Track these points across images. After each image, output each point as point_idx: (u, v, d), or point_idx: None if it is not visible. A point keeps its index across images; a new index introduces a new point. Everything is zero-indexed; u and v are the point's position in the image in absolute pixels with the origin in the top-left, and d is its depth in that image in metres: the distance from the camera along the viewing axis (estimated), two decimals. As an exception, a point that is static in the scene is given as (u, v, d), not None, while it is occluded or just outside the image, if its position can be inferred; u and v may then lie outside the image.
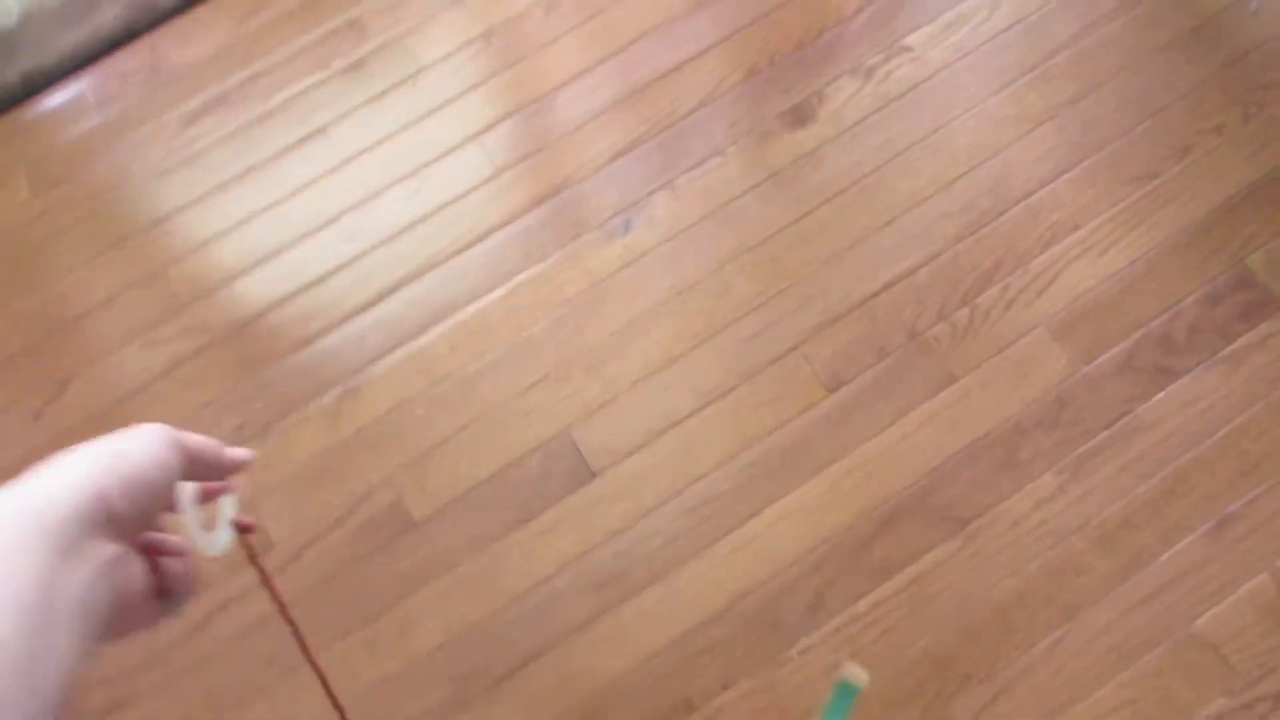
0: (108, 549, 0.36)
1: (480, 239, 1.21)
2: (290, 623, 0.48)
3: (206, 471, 0.42)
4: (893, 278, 1.15)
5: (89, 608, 0.34)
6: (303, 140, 1.30)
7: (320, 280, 1.21)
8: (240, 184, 1.29)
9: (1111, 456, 1.05)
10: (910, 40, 1.26)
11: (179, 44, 1.37)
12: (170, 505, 0.41)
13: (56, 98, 1.36)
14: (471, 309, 1.18)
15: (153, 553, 0.41)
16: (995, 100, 1.22)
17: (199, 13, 1.38)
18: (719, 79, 1.26)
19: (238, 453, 0.44)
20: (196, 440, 0.42)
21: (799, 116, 1.23)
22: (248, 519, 0.46)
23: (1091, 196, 1.16)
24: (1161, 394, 1.07)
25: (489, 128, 1.27)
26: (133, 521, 0.37)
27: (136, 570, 0.38)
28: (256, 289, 1.23)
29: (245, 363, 1.19)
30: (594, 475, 1.09)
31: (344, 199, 1.26)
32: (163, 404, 1.17)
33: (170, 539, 0.43)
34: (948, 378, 1.10)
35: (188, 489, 0.43)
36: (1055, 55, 1.23)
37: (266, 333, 1.20)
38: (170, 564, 0.42)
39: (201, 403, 1.17)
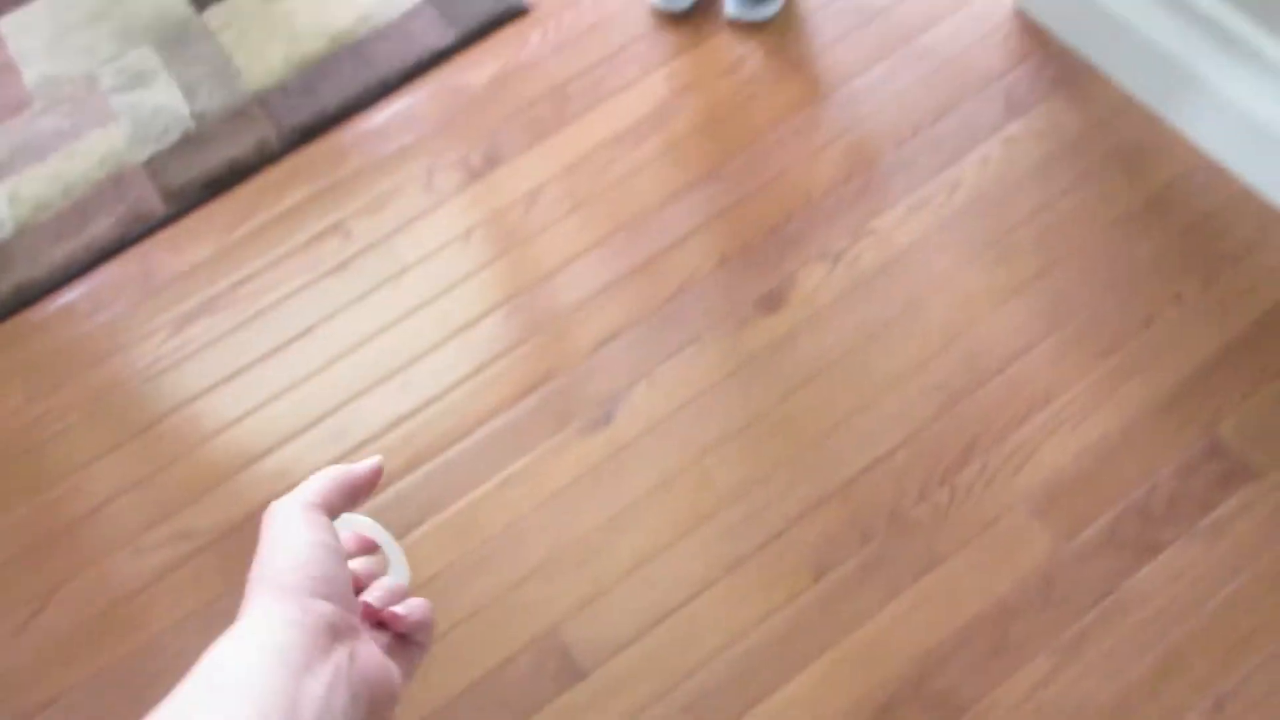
0: (336, 653, 0.36)
1: (466, 434, 1.23)
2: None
3: (353, 500, 0.43)
4: (873, 460, 1.16)
5: (333, 714, 0.35)
6: (291, 341, 1.33)
7: (308, 482, 1.22)
8: (230, 386, 1.31)
9: (1103, 636, 1.05)
10: (876, 224, 1.30)
11: (170, 252, 1.41)
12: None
13: (50, 306, 1.40)
14: (458, 505, 1.19)
15: (373, 616, 0.42)
16: (962, 278, 1.26)
17: (189, 222, 1.43)
18: (693, 268, 1.30)
19: (367, 465, 0.44)
20: (324, 486, 0.41)
21: (772, 302, 1.27)
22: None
23: (1062, 370, 1.19)
24: (1146, 568, 1.08)
25: (472, 323, 1.31)
26: (339, 612, 0.38)
27: (369, 651, 0.39)
28: (246, 491, 1.24)
29: (234, 567, 1.19)
30: (585, 674, 1.08)
31: (331, 398, 1.28)
32: (149, 613, 1.17)
33: (383, 590, 0.43)
34: (933, 560, 1.10)
35: (354, 528, 0.43)
36: (1016, 232, 1.28)
37: (254, 536, 1.20)
38: (400, 616, 0.42)
39: (189, 611, 1.17)
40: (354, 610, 0.39)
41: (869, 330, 1.24)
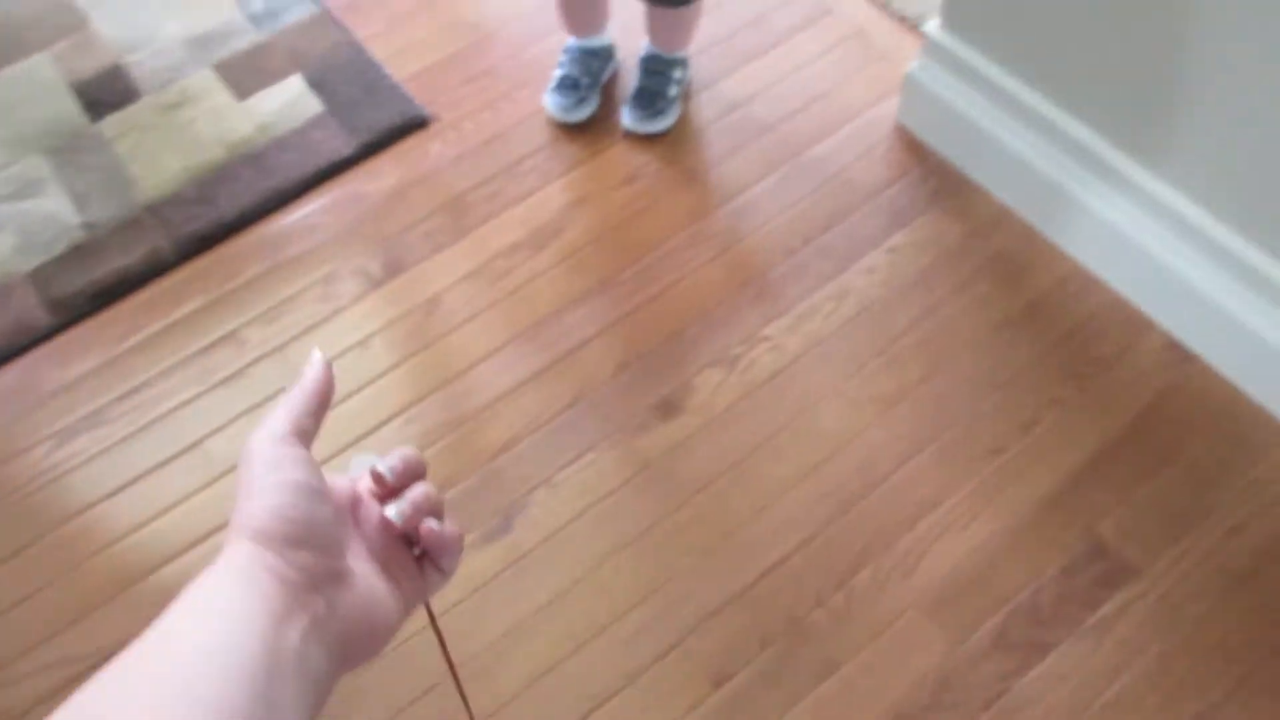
0: (314, 603, 0.36)
1: (360, 548, 1.21)
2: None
3: (321, 409, 0.42)
4: (769, 565, 1.17)
5: (308, 665, 0.34)
6: (180, 453, 1.30)
7: (194, 601, 1.18)
8: (116, 500, 1.27)
9: (996, 737, 1.06)
10: (769, 331, 1.34)
11: (56, 364, 1.38)
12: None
13: (-75, 422, 1.35)
14: (351, 621, 1.16)
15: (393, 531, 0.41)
16: (852, 383, 1.29)
17: (77, 333, 1.40)
18: (591, 375, 1.31)
19: (314, 369, 0.43)
20: (289, 412, 0.40)
21: (669, 408, 1.29)
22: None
23: (949, 474, 1.22)
24: (1036, 670, 1.10)
25: (369, 433, 1.29)
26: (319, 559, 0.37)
27: (351, 598, 0.38)
28: (132, 611, 1.19)
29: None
30: (480, 797, 1.05)
31: (221, 512, 1.25)
32: (19, 749, 1.11)
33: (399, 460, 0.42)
34: (831, 665, 1.11)
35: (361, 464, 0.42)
36: (901, 339, 1.32)
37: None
38: (423, 534, 0.41)
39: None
40: (338, 553, 0.39)
41: (763, 436, 1.26)
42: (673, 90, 1.51)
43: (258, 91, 1.61)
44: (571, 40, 1.54)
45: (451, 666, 0.48)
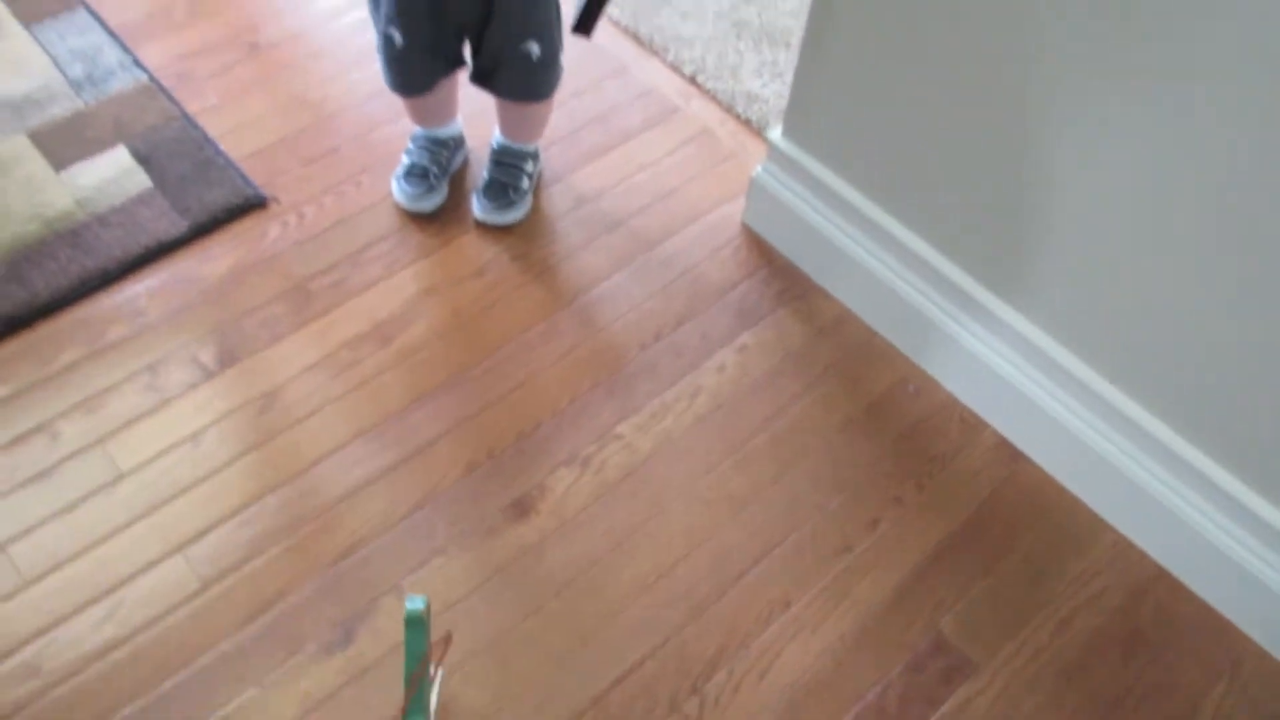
0: None
1: (183, 665, 1.12)
2: None
3: None
4: (624, 671, 1.15)
5: None
6: (-24, 561, 1.18)
7: (-11, 729, 1.07)
8: (-105, 616, 1.13)
9: (849, 843, 1.07)
10: (621, 429, 1.33)
11: None
12: None
13: None
14: (173, 747, 1.07)
15: None
16: (704, 482, 1.30)
17: None
18: (440, 475, 1.27)
19: None
20: None
21: (521, 509, 1.26)
22: None
23: (800, 573, 1.24)
24: (886, 770, 1.11)
25: (197, 537, 1.21)
26: None
27: None
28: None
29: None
30: None
31: (25, 626, 1.14)
32: None
33: None
34: (685, 776, 1.09)
35: None
36: (753, 438, 1.34)
37: (-84, 801, 1.03)
38: None
39: None
40: None
41: (616, 537, 1.25)
42: (524, 182, 1.50)
43: (77, 162, 1.51)
44: (419, 129, 1.51)
45: None
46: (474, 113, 1.57)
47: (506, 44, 1.31)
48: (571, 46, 1.39)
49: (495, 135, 1.53)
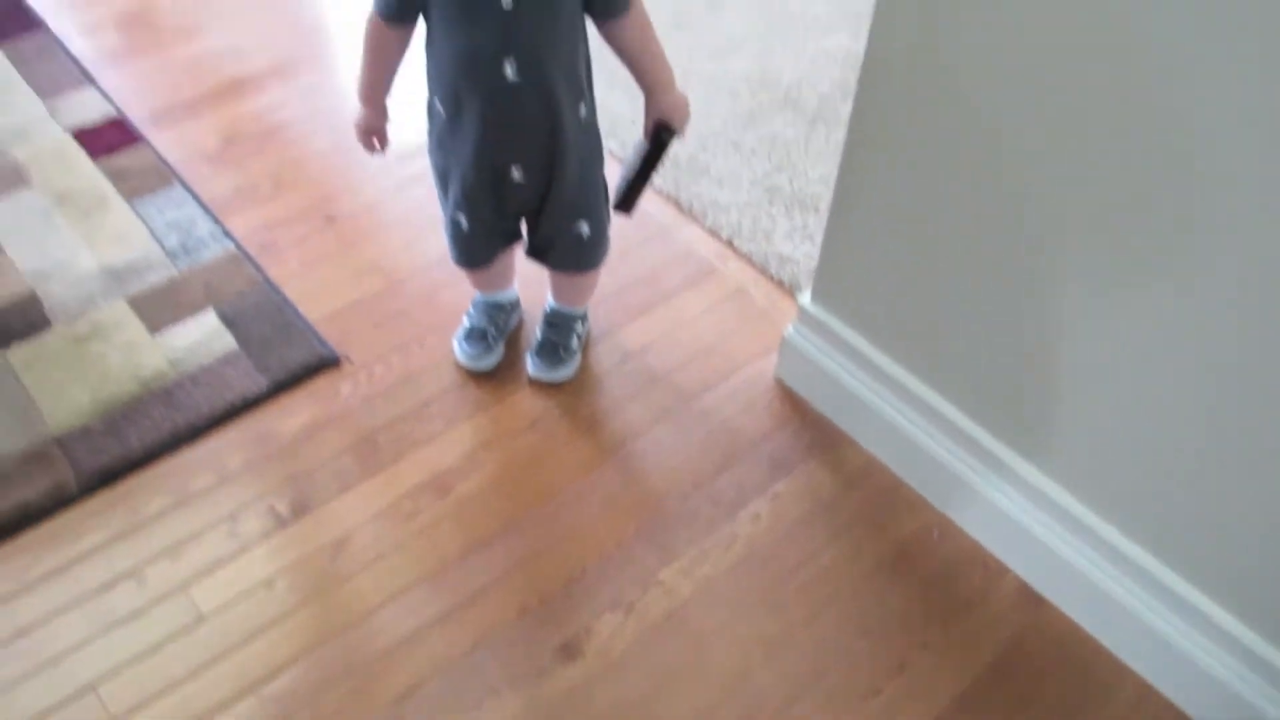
0: None
1: (257, 799, 1.20)
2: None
3: None
4: (665, 812, 1.22)
5: None
6: (70, 699, 1.28)
7: None
8: (-5, 750, 1.23)
9: None
10: (663, 574, 1.43)
11: (-57, 602, 1.35)
12: None
13: None
14: None
15: None
16: (740, 628, 1.38)
17: (-30, 568, 1.39)
18: (494, 619, 1.37)
19: None
20: None
21: (570, 652, 1.34)
22: None
23: (830, 715, 1.30)
24: None
25: (270, 677, 1.30)
26: None
27: None
28: None
29: None
30: None
31: (111, 761, 1.23)
32: None
33: None
34: None
35: None
36: (785, 584, 1.43)
37: None
38: None
39: None
40: None
41: (658, 679, 1.33)
42: (574, 342, 1.64)
43: (171, 326, 1.67)
44: (479, 294, 1.66)
45: None
46: (529, 277, 1.72)
47: (560, 226, 1.46)
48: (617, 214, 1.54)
49: (548, 299, 1.67)
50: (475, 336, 1.63)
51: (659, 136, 1.40)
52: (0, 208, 1.85)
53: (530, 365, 1.63)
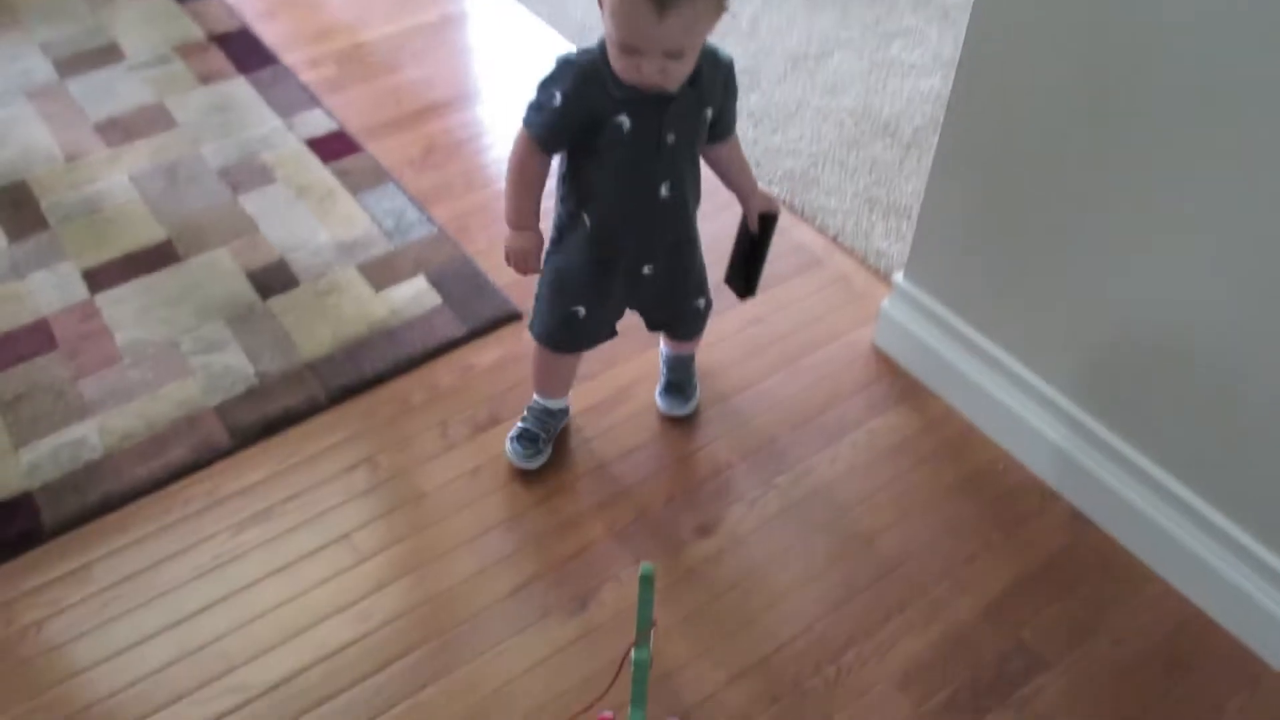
0: None
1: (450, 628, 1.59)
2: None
3: None
4: (780, 643, 1.57)
5: None
6: (328, 544, 1.70)
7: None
8: (271, 581, 1.65)
9: (946, 774, 1.45)
10: (779, 480, 1.80)
11: (233, 475, 1.79)
12: None
13: (130, 511, 1.73)
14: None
15: None
16: (839, 522, 1.74)
17: (249, 453, 1.82)
18: (646, 505, 1.75)
19: None
20: None
21: (704, 531, 1.72)
22: None
23: (913, 587, 1.65)
24: (976, 727, 1.50)
25: (482, 534, 1.70)
26: None
27: None
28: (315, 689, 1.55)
29: None
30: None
31: (362, 591, 1.64)
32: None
33: None
34: (825, 717, 1.50)
35: None
36: (877, 493, 1.79)
37: None
38: None
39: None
40: None
41: (773, 554, 1.69)
42: (694, 379, 1.90)
43: (390, 286, 2.12)
44: (537, 399, 1.81)
45: None
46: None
47: (683, 305, 1.70)
48: (740, 212, 1.92)
49: (664, 348, 1.89)
50: (528, 439, 1.78)
51: (767, 224, 1.63)
52: (255, 196, 2.33)
53: (661, 404, 1.88)
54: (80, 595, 1.63)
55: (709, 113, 1.46)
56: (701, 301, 1.72)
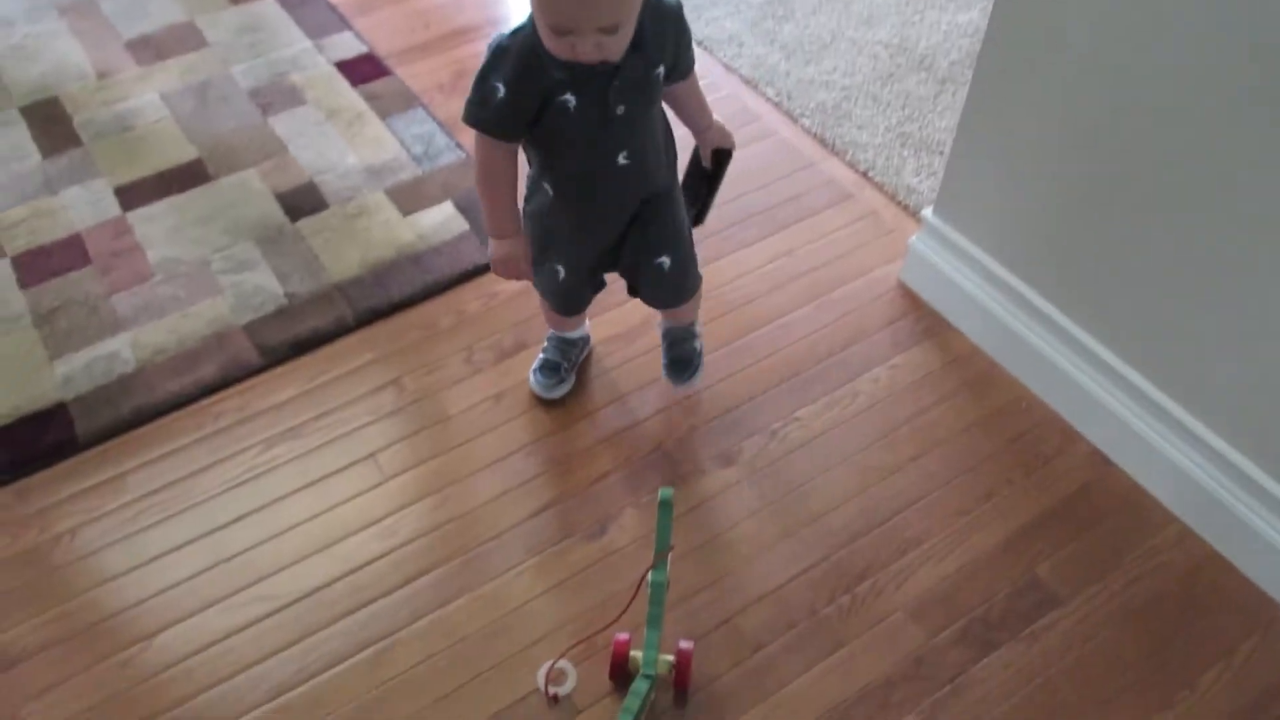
0: None
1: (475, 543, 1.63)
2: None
3: None
4: (796, 573, 1.60)
5: None
6: (355, 462, 1.73)
7: (366, 565, 1.59)
8: (298, 497, 1.69)
9: (954, 703, 1.47)
10: (800, 414, 1.81)
11: (263, 392, 1.82)
12: None
13: (162, 425, 1.77)
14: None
15: None
16: (860, 456, 1.75)
17: (279, 371, 1.85)
18: (669, 433, 1.77)
19: None
20: None
21: (724, 460, 1.74)
22: None
23: (929, 523, 1.67)
24: (985, 660, 1.52)
25: (504, 458, 1.73)
26: None
27: None
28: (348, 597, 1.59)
29: (300, 628, 1.53)
30: None
31: (385, 508, 1.67)
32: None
33: None
34: (838, 643, 1.52)
35: None
36: (898, 429, 1.79)
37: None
38: None
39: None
40: None
41: (792, 486, 1.71)
42: (697, 346, 1.80)
43: (418, 211, 2.12)
44: (553, 331, 1.82)
45: None
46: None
47: (640, 261, 1.56)
48: (773, 145, 1.92)
49: (660, 322, 1.80)
50: (549, 369, 1.79)
51: (720, 159, 1.59)
52: (284, 118, 2.33)
53: (670, 380, 1.80)
54: (113, 505, 1.67)
55: (660, 71, 1.37)
56: (666, 260, 1.56)
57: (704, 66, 2.36)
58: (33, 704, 1.44)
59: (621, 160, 1.42)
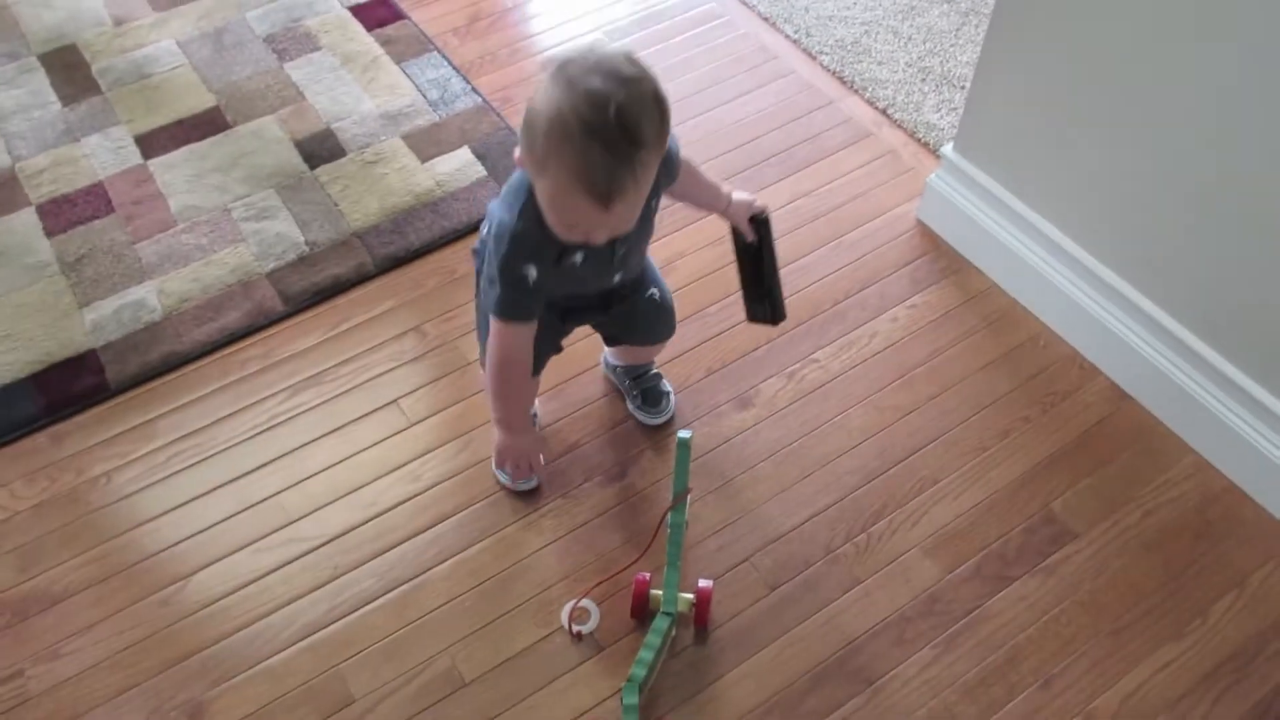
0: None
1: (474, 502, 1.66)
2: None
3: None
4: (813, 512, 1.62)
5: None
6: (377, 409, 1.76)
7: (392, 508, 1.63)
8: (320, 444, 1.72)
9: (970, 636, 1.50)
10: (818, 355, 1.82)
11: (286, 339, 1.85)
12: None
13: (189, 372, 1.81)
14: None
15: None
16: (877, 396, 1.77)
17: (302, 319, 1.87)
18: (688, 375, 1.79)
19: None
20: None
21: (742, 403, 1.76)
22: None
23: (946, 461, 1.68)
24: (1001, 594, 1.54)
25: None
26: None
27: None
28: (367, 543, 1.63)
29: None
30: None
31: (409, 454, 1.70)
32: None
33: None
34: (854, 581, 1.55)
35: None
36: (916, 368, 1.80)
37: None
38: None
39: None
40: None
41: (810, 427, 1.73)
42: (663, 383, 1.75)
43: (436, 157, 2.13)
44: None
45: None
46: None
47: (632, 299, 1.52)
48: (791, 83, 1.90)
49: (604, 358, 1.78)
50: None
51: (761, 226, 1.49)
52: (300, 64, 2.33)
53: (642, 417, 1.74)
54: (145, 449, 1.71)
55: (655, 203, 1.34)
56: (656, 291, 1.55)
57: (720, 5, 2.34)
58: (76, 640, 1.50)
59: (616, 280, 1.45)
